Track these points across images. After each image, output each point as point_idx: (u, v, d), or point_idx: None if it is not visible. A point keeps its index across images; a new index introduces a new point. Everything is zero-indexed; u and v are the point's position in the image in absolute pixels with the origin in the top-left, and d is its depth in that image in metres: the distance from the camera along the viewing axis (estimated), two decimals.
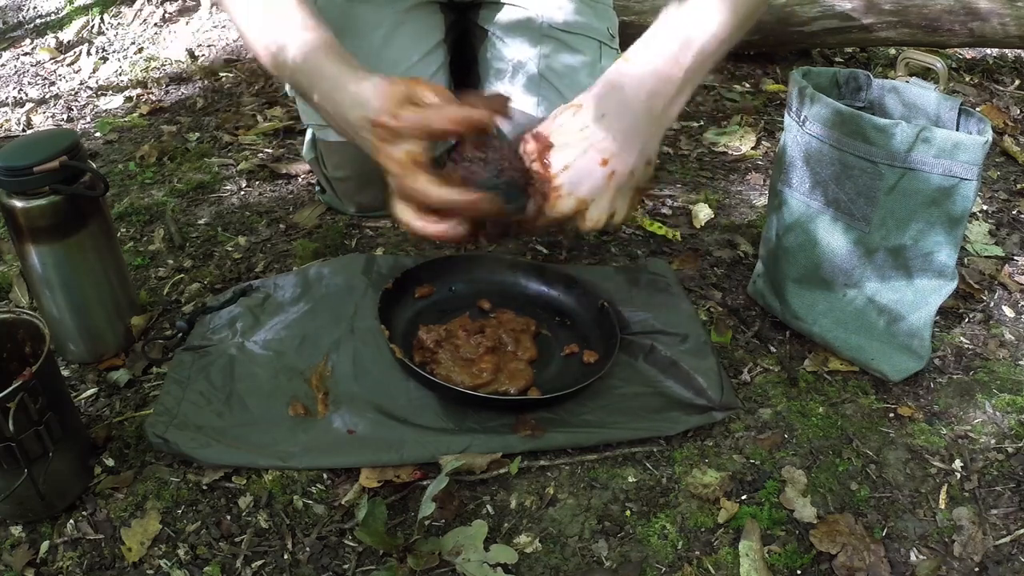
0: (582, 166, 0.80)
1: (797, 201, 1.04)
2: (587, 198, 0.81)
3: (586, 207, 0.82)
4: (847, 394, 1.02)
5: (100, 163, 1.56)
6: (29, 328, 0.86)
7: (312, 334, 1.04)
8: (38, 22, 2.31)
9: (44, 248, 0.96)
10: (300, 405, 0.95)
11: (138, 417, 0.97)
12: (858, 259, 1.00)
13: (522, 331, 1.04)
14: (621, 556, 0.82)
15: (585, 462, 0.92)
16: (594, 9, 1.26)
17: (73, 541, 0.83)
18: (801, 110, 1.00)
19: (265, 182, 1.48)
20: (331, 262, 1.17)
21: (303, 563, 0.81)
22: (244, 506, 0.87)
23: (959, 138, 0.90)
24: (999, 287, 1.22)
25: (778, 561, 0.82)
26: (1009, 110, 1.81)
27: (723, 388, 0.97)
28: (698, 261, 1.25)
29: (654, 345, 1.03)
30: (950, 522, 0.86)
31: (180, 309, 1.14)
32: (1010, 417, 0.99)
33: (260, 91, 1.88)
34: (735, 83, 1.91)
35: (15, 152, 0.93)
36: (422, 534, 0.83)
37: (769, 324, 1.13)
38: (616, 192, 0.82)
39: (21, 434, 0.77)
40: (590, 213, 0.82)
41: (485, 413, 0.95)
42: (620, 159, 0.81)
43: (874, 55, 2.08)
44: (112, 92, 1.90)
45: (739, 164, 1.56)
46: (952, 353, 1.09)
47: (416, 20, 1.24)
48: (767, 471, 0.91)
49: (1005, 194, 1.48)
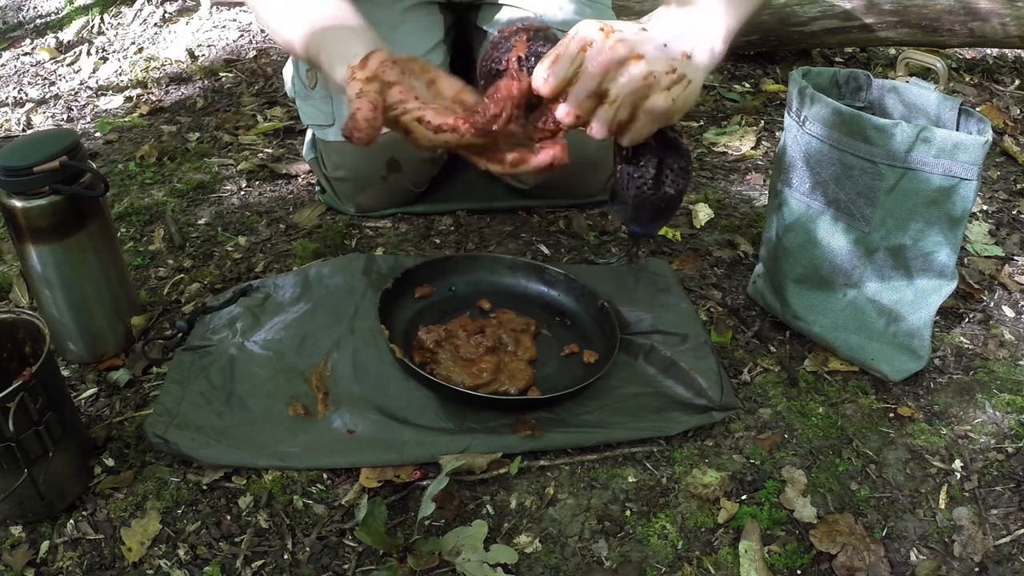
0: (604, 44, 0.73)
1: (797, 201, 1.04)
2: (601, 77, 0.72)
3: (602, 96, 0.73)
4: (847, 394, 1.02)
5: (100, 163, 1.56)
6: (29, 328, 0.86)
7: (312, 334, 1.04)
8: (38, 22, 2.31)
9: (44, 248, 0.96)
10: (300, 405, 0.95)
11: (138, 417, 0.97)
12: (858, 259, 1.00)
13: (522, 331, 1.04)
14: (621, 556, 0.82)
15: (585, 462, 0.92)
16: (593, 9, 1.26)
17: (73, 541, 0.83)
18: (801, 110, 1.00)
19: (265, 182, 1.48)
20: (331, 262, 1.17)
21: (303, 563, 0.81)
22: (244, 506, 0.87)
23: (959, 138, 0.90)
24: (999, 287, 1.22)
25: (778, 561, 0.82)
26: (1009, 110, 1.81)
27: (723, 388, 0.97)
28: (698, 261, 1.25)
29: (654, 345, 1.03)
30: (950, 522, 0.86)
31: (180, 309, 1.14)
32: (1010, 417, 0.99)
33: (260, 91, 1.88)
34: (735, 83, 1.91)
35: (15, 152, 0.93)
36: (422, 534, 0.83)
37: (769, 324, 1.13)
38: (637, 86, 0.73)
39: (21, 434, 0.77)
40: (603, 109, 0.74)
41: (485, 413, 0.95)
42: (646, 47, 0.73)
43: (874, 55, 2.08)
44: (112, 92, 1.90)
45: (739, 164, 1.56)
46: (952, 353, 1.09)
47: (415, 20, 1.24)
48: (767, 471, 0.91)
49: (1005, 194, 1.48)
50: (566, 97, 0.74)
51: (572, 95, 0.73)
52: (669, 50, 0.74)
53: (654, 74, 0.73)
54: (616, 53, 0.71)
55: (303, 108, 1.31)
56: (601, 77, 0.72)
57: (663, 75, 0.73)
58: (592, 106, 0.74)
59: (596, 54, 0.71)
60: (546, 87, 0.73)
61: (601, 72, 0.72)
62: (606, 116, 0.74)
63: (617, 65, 0.72)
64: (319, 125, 1.28)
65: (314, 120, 1.29)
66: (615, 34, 0.72)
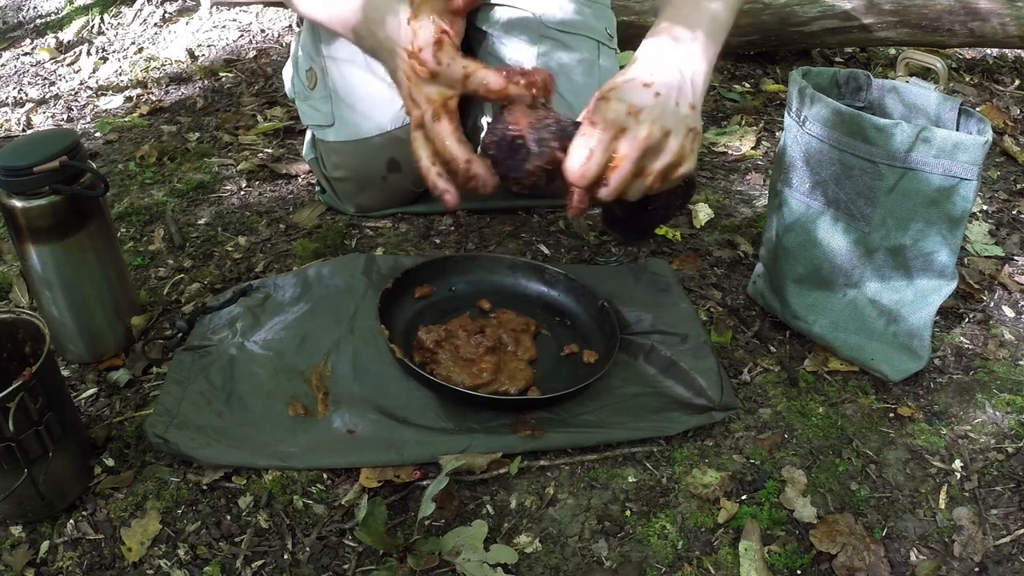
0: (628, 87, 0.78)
1: (797, 201, 1.04)
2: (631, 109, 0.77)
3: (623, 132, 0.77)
4: (847, 394, 1.02)
5: (100, 163, 1.56)
6: (29, 328, 0.86)
7: (312, 334, 1.04)
8: (38, 22, 2.31)
9: (44, 248, 0.96)
10: (300, 405, 0.95)
11: (138, 417, 0.97)
12: (858, 259, 1.00)
13: (522, 331, 1.04)
14: (621, 556, 0.82)
15: (585, 462, 0.92)
16: (592, 9, 1.26)
17: (73, 541, 0.83)
18: (801, 110, 1.00)
19: (265, 182, 1.48)
20: (331, 262, 1.17)
21: (303, 563, 0.81)
22: (244, 506, 0.87)
23: (959, 138, 0.90)
24: (999, 287, 1.22)
25: (778, 561, 0.82)
26: (1009, 110, 1.81)
27: (723, 388, 0.97)
28: (698, 261, 1.25)
29: (654, 345, 1.03)
30: (950, 522, 0.86)
31: (180, 309, 1.14)
32: (1010, 417, 0.99)
33: (260, 91, 1.88)
34: (735, 83, 1.91)
35: (15, 152, 0.93)
36: (422, 534, 0.83)
37: (769, 324, 1.13)
38: (671, 161, 0.78)
39: (21, 434, 0.77)
40: (639, 182, 0.79)
41: (485, 413, 0.95)
42: (664, 83, 0.79)
43: (874, 55, 2.08)
44: (112, 92, 1.90)
45: (739, 164, 1.56)
46: (952, 353, 1.09)
47: None
48: (767, 471, 0.91)
49: (1005, 194, 1.48)
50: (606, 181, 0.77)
51: (615, 182, 0.77)
52: (681, 110, 0.79)
53: (683, 146, 0.78)
54: (652, 139, 0.76)
55: (303, 108, 1.31)
56: (640, 164, 0.76)
57: (688, 142, 0.79)
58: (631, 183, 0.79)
59: (633, 142, 0.75)
60: (583, 180, 0.76)
61: (640, 159, 0.76)
62: (640, 188, 0.79)
63: (654, 149, 0.76)
64: (319, 125, 1.28)
65: (314, 120, 1.28)
66: (643, 115, 0.76)
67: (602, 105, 0.77)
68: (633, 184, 0.79)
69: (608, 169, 0.77)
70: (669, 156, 0.78)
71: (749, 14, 1.85)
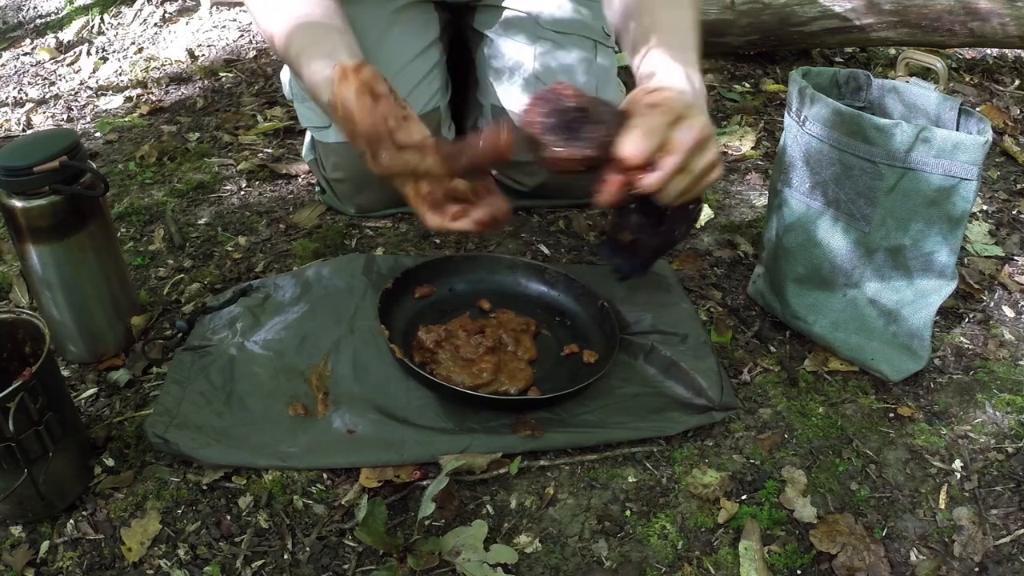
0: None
1: (797, 201, 1.04)
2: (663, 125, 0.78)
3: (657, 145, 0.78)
4: (847, 394, 1.02)
5: (100, 163, 1.56)
6: (29, 328, 0.86)
7: (312, 334, 1.04)
8: (38, 22, 2.31)
9: (44, 248, 0.96)
10: (300, 405, 0.95)
11: (138, 417, 0.97)
12: (858, 259, 1.00)
13: (522, 331, 1.04)
14: (621, 556, 0.82)
15: (585, 462, 0.92)
16: (589, 8, 1.26)
17: (73, 541, 0.83)
18: (801, 110, 1.00)
19: (265, 182, 1.48)
20: (331, 262, 1.17)
21: (303, 563, 0.81)
22: (244, 506, 0.87)
23: (959, 138, 0.90)
24: (999, 287, 1.22)
25: (778, 561, 0.82)
26: (1009, 110, 1.81)
27: (723, 388, 0.97)
28: (698, 261, 1.25)
29: (654, 345, 1.03)
30: (950, 522, 0.86)
31: (180, 309, 1.14)
32: (1010, 417, 0.99)
33: (260, 91, 1.88)
34: (735, 83, 1.91)
35: (15, 152, 0.93)
36: (422, 534, 0.83)
37: (769, 324, 1.13)
38: (711, 161, 0.80)
39: (21, 434, 0.77)
40: (680, 178, 0.79)
41: (485, 413, 0.95)
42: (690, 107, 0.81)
43: (874, 55, 2.08)
44: (112, 92, 1.90)
45: (739, 164, 1.56)
46: (952, 353, 1.09)
47: (409, 20, 1.24)
48: (767, 471, 0.91)
49: (1005, 194, 1.48)
50: (654, 166, 0.78)
51: (668, 167, 0.78)
52: (707, 116, 0.82)
53: (716, 152, 0.81)
54: (704, 133, 0.78)
55: (301, 110, 1.31)
56: (691, 153, 0.78)
57: (717, 150, 0.82)
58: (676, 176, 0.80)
59: (689, 131, 0.78)
60: (637, 158, 0.77)
61: (692, 149, 0.78)
62: (678, 187, 0.80)
63: (702, 144, 0.79)
64: (317, 127, 1.28)
65: (312, 122, 1.28)
66: (694, 110, 0.79)
67: (656, 96, 0.80)
68: (674, 180, 0.79)
69: (659, 155, 0.78)
70: (711, 156, 0.80)
71: (749, 14, 1.85)
